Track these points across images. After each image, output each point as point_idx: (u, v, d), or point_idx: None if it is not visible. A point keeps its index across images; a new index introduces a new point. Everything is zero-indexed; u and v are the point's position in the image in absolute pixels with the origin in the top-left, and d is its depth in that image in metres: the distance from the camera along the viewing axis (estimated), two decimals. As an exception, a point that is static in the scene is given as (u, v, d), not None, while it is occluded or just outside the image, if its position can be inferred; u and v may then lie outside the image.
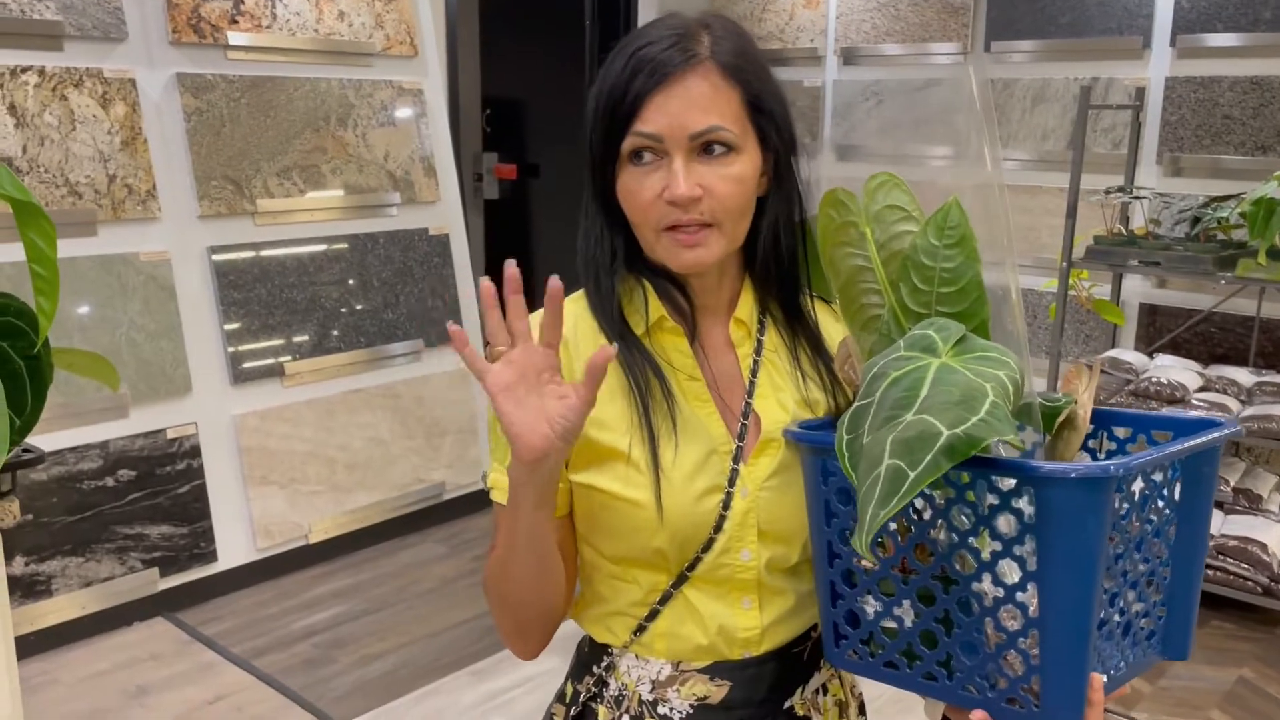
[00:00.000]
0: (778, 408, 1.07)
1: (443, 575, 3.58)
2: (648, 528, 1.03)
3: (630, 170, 1.02)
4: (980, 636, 0.81)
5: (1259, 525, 3.26)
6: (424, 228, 3.94)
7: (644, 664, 1.09)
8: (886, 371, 0.80)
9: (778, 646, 1.08)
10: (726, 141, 0.99)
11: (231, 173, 3.42)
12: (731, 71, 1.01)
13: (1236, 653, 3.11)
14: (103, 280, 3.12)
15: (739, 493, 1.04)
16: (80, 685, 2.88)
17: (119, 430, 3.15)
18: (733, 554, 1.05)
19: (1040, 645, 0.78)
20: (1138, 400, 3.40)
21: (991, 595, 0.80)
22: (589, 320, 1.09)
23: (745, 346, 1.10)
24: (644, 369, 1.06)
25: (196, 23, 3.34)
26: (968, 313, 0.86)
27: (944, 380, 0.77)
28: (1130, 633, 0.88)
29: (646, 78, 0.99)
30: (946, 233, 0.88)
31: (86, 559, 3.08)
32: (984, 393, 0.74)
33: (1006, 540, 0.78)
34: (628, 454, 1.04)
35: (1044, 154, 4.26)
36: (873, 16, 4.71)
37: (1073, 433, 0.93)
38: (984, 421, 0.72)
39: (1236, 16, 3.78)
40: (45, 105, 3.02)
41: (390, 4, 3.83)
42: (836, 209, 0.99)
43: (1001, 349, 0.80)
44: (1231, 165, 3.81)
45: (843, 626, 0.91)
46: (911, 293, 0.92)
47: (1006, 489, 0.78)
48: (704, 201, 1.00)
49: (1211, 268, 3.22)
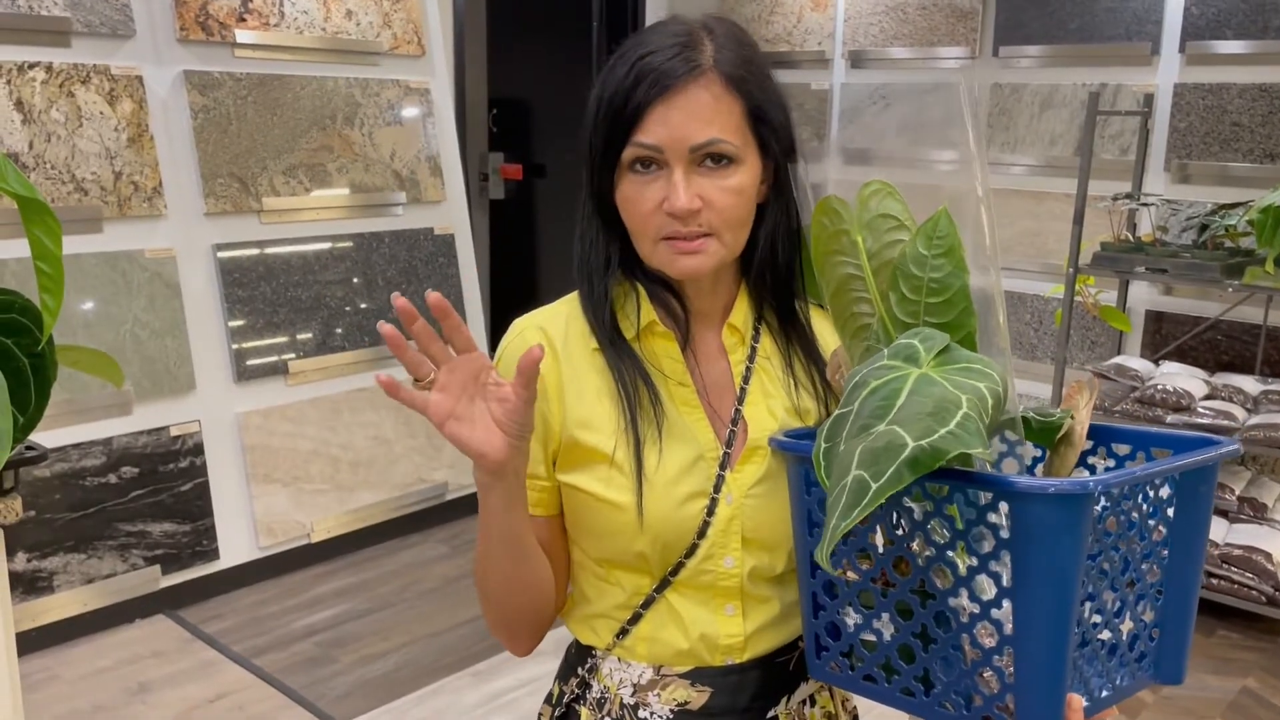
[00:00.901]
0: (767, 415, 1.07)
1: (445, 575, 3.58)
2: (629, 530, 1.04)
3: (630, 178, 1.01)
4: (957, 653, 0.80)
5: (1264, 534, 3.24)
6: (429, 227, 3.94)
7: (626, 667, 1.09)
8: (867, 380, 0.80)
9: (762, 655, 1.08)
10: (727, 154, 0.99)
11: (238, 170, 3.42)
12: (734, 82, 1.00)
13: (1241, 662, 3.10)
14: (108, 277, 3.13)
15: (724, 499, 1.04)
16: (81, 682, 2.88)
17: (122, 427, 3.16)
18: (715, 560, 1.05)
19: (1015, 663, 0.77)
20: (1143, 407, 3.39)
21: (968, 611, 0.79)
22: (580, 322, 1.09)
23: (738, 353, 1.10)
24: (632, 373, 1.06)
25: (204, 20, 3.34)
26: (955, 323, 0.85)
27: (920, 391, 0.76)
28: (1118, 654, 0.87)
29: (649, 88, 0.99)
30: (935, 242, 0.87)
31: (89, 556, 3.09)
32: (958, 404, 0.73)
33: (983, 555, 0.77)
34: (611, 456, 1.04)
35: (1051, 159, 4.25)
36: (881, 20, 4.69)
37: (1069, 449, 0.92)
38: (952, 434, 0.71)
39: (1246, 23, 3.76)
40: (52, 101, 3.03)
41: (398, 3, 3.83)
42: (829, 217, 0.98)
43: (985, 360, 0.79)
44: (1240, 172, 3.79)
45: (824, 638, 0.91)
46: (900, 302, 0.91)
47: (984, 503, 0.77)
48: (703, 213, 0.99)
49: (1219, 275, 3.20)
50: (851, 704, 1.20)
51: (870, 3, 4.72)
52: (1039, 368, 4.24)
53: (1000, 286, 0.88)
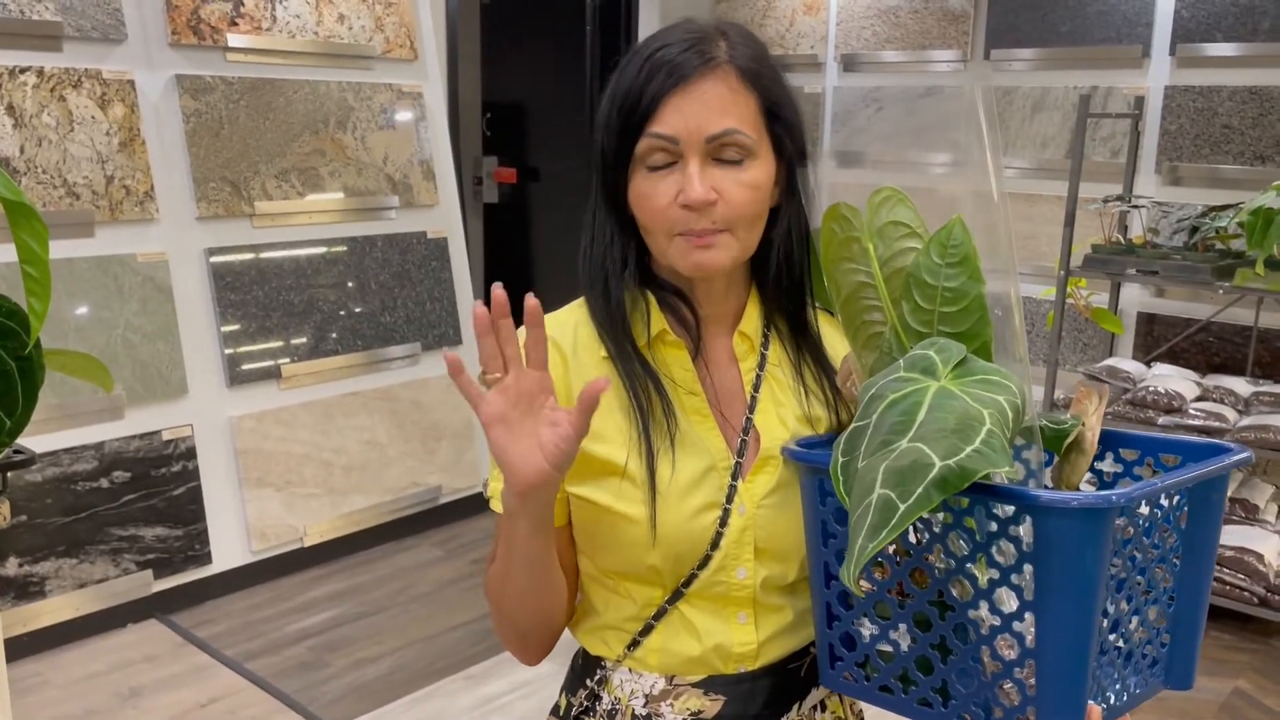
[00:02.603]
0: (778, 424, 1.06)
1: (439, 579, 3.57)
2: (641, 543, 1.03)
3: (644, 174, 1.01)
4: (976, 665, 0.80)
5: (1255, 535, 3.26)
6: (422, 231, 3.93)
7: (637, 678, 1.08)
8: (884, 393, 0.79)
9: (774, 662, 1.07)
10: (743, 145, 0.99)
11: (230, 174, 3.41)
12: (749, 76, 1.00)
13: (1233, 664, 3.11)
14: (99, 281, 3.11)
15: (736, 510, 1.03)
16: (73, 687, 2.87)
17: (114, 431, 3.14)
18: (729, 571, 1.04)
19: (1036, 676, 0.77)
20: (1135, 409, 3.40)
21: (988, 623, 0.79)
22: (589, 328, 1.08)
23: (748, 360, 1.09)
24: (645, 383, 1.04)
25: (196, 24, 3.33)
26: (969, 333, 0.85)
27: (941, 405, 0.75)
28: (1132, 661, 0.87)
29: (664, 79, 0.98)
30: (949, 251, 0.87)
31: (80, 560, 3.07)
32: (981, 420, 0.73)
33: (1004, 568, 0.77)
34: (624, 468, 1.03)
35: (1043, 162, 4.26)
36: (873, 24, 4.70)
37: (1080, 456, 0.91)
38: (979, 453, 0.71)
39: (1236, 26, 3.78)
40: (44, 106, 3.01)
41: (390, 7, 3.82)
42: (839, 223, 0.97)
43: (1003, 372, 0.78)
44: (1230, 175, 3.81)
45: (839, 648, 0.90)
46: (913, 311, 0.91)
47: (1005, 516, 0.77)
48: (718, 207, 0.99)
49: (1209, 277, 3.22)
50: (859, 708, 1.19)
51: (862, 6, 4.73)
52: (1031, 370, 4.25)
53: (1018, 293, 0.88)
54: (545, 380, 0.92)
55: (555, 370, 1.05)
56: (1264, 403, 3.37)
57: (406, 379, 3.84)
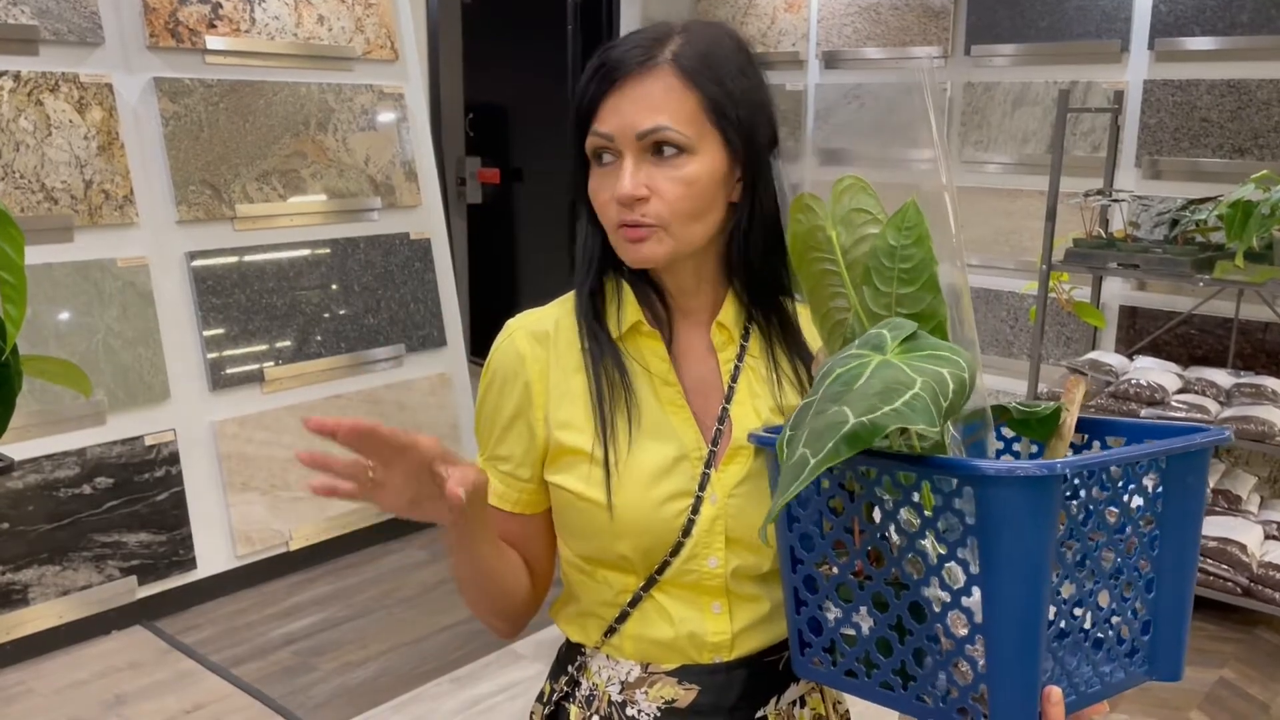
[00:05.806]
0: (752, 414, 1.08)
1: (424, 582, 3.57)
2: (608, 529, 1.04)
3: (594, 171, 1.04)
4: (933, 644, 0.80)
5: (1238, 526, 3.27)
6: (405, 232, 3.93)
7: (614, 664, 1.10)
8: (833, 369, 0.80)
9: (749, 654, 1.08)
10: (675, 143, 1.00)
11: (210, 178, 3.40)
12: (689, 74, 1.01)
13: (1217, 654, 3.12)
14: (80, 287, 3.10)
15: (708, 498, 1.04)
16: (58, 695, 2.85)
17: (96, 437, 3.13)
18: (700, 560, 1.05)
19: (986, 653, 0.76)
20: (1117, 402, 3.41)
21: (941, 600, 0.79)
22: (572, 322, 1.11)
23: (727, 351, 1.10)
24: (611, 370, 1.06)
25: (174, 27, 3.32)
26: (926, 313, 0.85)
27: (878, 375, 0.76)
28: (1104, 648, 0.86)
29: (602, 80, 1.02)
30: (904, 232, 0.87)
31: (64, 567, 3.06)
32: (910, 385, 0.73)
33: (951, 543, 0.77)
34: (590, 454, 1.05)
35: (1024, 157, 4.27)
36: (854, 20, 4.72)
37: (1058, 441, 0.93)
38: (895, 411, 0.71)
39: (1214, 20, 3.79)
40: (20, 110, 3.00)
41: (370, 8, 3.82)
42: (804, 213, 0.98)
43: (953, 348, 0.79)
44: (1209, 168, 3.83)
45: (806, 634, 0.90)
46: (874, 295, 0.91)
47: (950, 489, 0.77)
48: (650, 202, 1.01)
49: (1190, 270, 3.23)
50: (843, 706, 1.19)
51: (843, 4, 4.74)
52: (1014, 364, 4.27)
53: (966, 277, 0.89)
54: (433, 446, 0.92)
55: (534, 366, 1.09)
56: (1245, 394, 3.38)
57: (390, 381, 3.83)
